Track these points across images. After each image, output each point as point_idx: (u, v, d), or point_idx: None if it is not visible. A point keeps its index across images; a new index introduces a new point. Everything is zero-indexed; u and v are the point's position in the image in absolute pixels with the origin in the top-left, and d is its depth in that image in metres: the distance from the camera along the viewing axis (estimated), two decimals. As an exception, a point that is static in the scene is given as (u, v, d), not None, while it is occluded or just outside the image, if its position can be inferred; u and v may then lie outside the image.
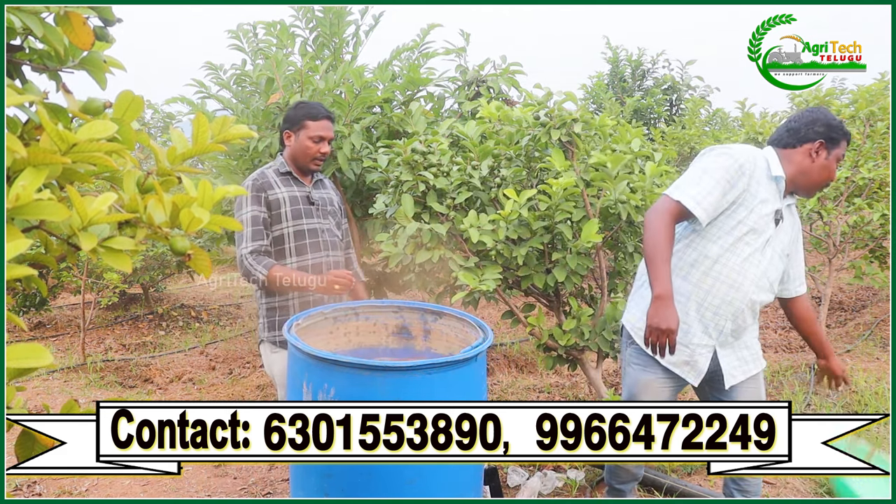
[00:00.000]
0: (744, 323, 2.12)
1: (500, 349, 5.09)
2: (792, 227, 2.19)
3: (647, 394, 2.19)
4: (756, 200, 2.05)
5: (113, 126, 0.83)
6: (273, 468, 3.15)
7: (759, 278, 2.09)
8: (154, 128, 8.29)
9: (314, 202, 2.55)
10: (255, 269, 2.35)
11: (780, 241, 2.13)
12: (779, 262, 2.14)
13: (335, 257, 2.56)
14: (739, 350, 2.18)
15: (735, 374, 2.17)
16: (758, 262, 2.08)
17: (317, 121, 2.48)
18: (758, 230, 2.06)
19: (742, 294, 2.06)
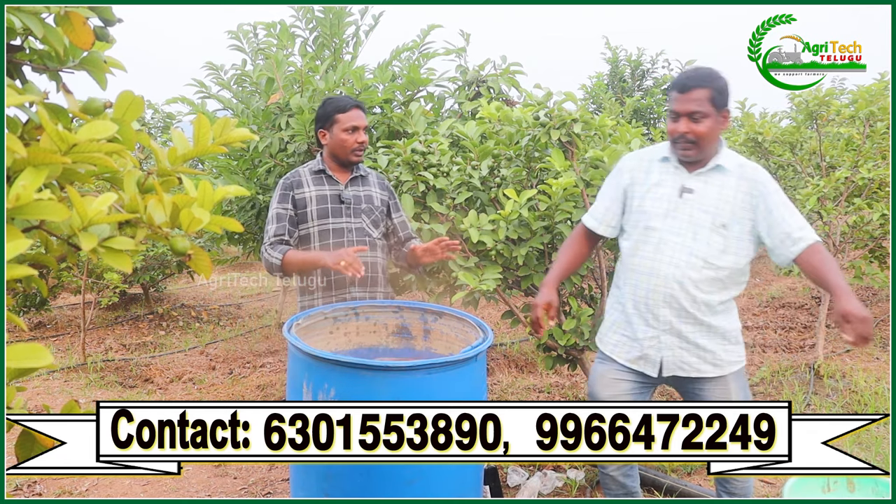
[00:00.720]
0: (682, 308, 2.04)
1: (500, 349, 5.09)
2: (719, 196, 2.03)
3: (601, 384, 2.21)
4: (645, 187, 2.13)
5: (113, 126, 0.83)
6: (273, 468, 3.15)
7: (681, 258, 2.03)
8: (154, 128, 8.29)
9: (344, 201, 2.51)
10: (272, 255, 2.37)
11: (703, 213, 2.03)
12: (709, 233, 2.01)
13: (361, 257, 2.47)
14: (687, 344, 2.08)
15: (678, 365, 2.10)
16: (673, 244, 2.05)
17: (346, 112, 2.45)
18: (660, 214, 2.08)
19: (663, 279, 2.06)
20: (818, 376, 4.19)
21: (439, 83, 4.09)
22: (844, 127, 4.10)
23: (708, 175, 2.06)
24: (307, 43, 4.32)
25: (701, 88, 1.99)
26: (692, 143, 2.02)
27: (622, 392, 2.19)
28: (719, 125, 2.03)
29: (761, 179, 2.03)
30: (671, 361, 2.11)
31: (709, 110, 1.99)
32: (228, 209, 4.14)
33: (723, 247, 2.02)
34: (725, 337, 2.11)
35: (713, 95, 1.98)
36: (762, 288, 7.30)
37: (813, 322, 5.59)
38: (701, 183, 2.06)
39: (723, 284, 2.05)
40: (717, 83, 2.01)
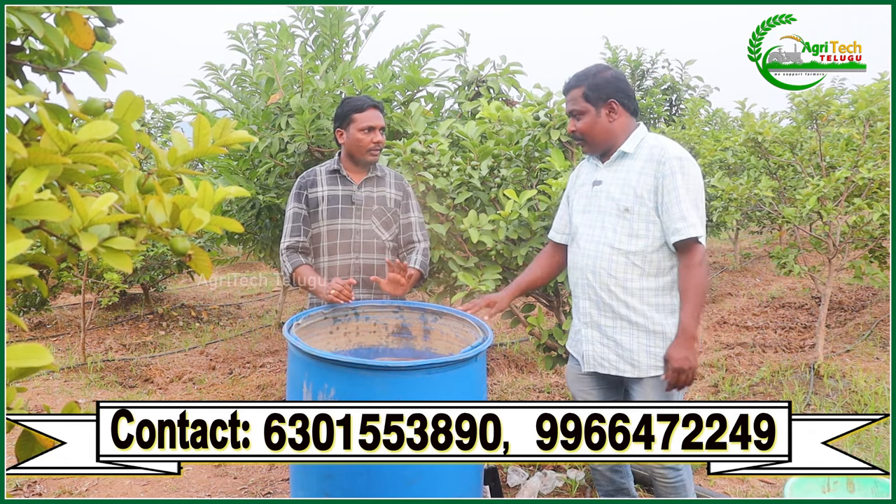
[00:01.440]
0: (600, 299, 2.06)
1: (500, 349, 5.09)
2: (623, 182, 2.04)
3: (570, 380, 2.29)
4: (574, 189, 2.26)
5: (113, 126, 0.83)
6: (273, 468, 3.15)
7: (591, 248, 2.08)
8: (154, 128, 8.29)
9: (355, 202, 2.51)
10: (286, 265, 2.45)
11: (608, 200, 2.06)
12: (615, 220, 2.04)
13: (367, 259, 2.50)
14: (606, 339, 2.08)
15: (597, 360, 2.11)
16: (587, 235, 2.12)
17: (363, 112, 2.46)
18: (579, 210, 2.18)
19: (580, 271, 2.13)
20: (818, 376, 4.19)
21: (439, 83, 4.09)
22: (844, 127, 4.09)
23: (615, 164, 2.11)
24: (307, 43, 4.32)
25: (574, 88, 2.09)
26: (581, 140, 2.13)
27: (588, 387, 2.23)
28: (605, 118, 2.06)
29: (666, 160, 1.98)
30: (591, 356, 2.14)
31: (584, 107, 2.07)
32: (228, 209, 4.14)
33: (629, 231, 2.02)
34: (653, 338, 2.03)
35: (585, 92, 2.06)
36: (762, 288, 7.30)
37: (813, 322, 5.59)
38: (610, 172, 2.11)
39: (640, 271, 2.02)
40: (590, 80, 2.06)
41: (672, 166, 1.97)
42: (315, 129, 3.52)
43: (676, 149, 2.02)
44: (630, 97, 2.09)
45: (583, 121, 2.07)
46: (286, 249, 2.48)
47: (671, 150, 2.01)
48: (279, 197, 3.84)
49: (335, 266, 2.48)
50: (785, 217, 4.20)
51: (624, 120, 2.09)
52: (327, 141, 3.61)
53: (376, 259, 2.51)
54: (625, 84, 2.08)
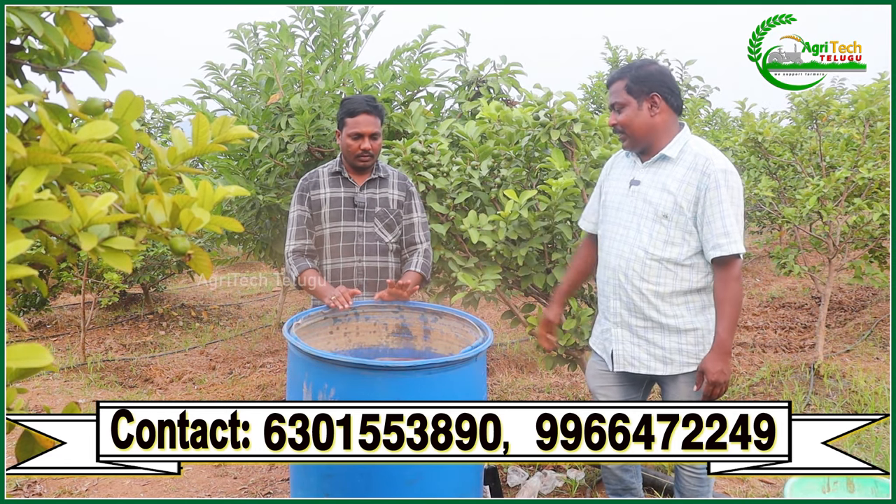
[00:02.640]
0: (630, 300, 2.05)
1: (500, 349, 5.09)
2: (663, 187, 2.01)
3: (590, 375, 2.29)
4: (609, 182, 2.22)
5: (113, 126, 0.83)
6: (273, 468, 3.15)
7: (625, 249, 2.06)
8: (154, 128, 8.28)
9: (357, 204, 2.50)
10: (292, 268, 2.44)
11: (646, 204, 2.03)
12: (652, 224, 2.01)
13: (370, 262, 2.50)
14: (637, 339, 2.08)
15: (628, 360, 2.11)
16: (620, 235, 2.09)
17: (354, 116, 2.42)
18: (613, 206, 2.15)
19: (612, 271, 2.11)
20: (818, 376, 4.19)
21: (439, 83, 4.09)
22: (844, 127, 4.09)
23: (655, 165, 2.06)
24: (307, 43, 4.32)
25: (617, 80, 2.06)
26: (622, 133, 2.08)
27: (610, 383, 2.22)
28: (646, 112, 2.02)
29: (711, 173, 1.95)
30: (621, 356, 2.13)
31: (626, 99, 2.03)
32: (228, 209, 4.14)
33: (665, 237, 2.00)
34: (684, 336, 2.04)
35: (628, 84, 2.03)
36: (762, 288, 7.30)
37: (813, 322, 5.59)
38: (649, 174, 2.07)
39: (674, 276, 2.01)
40: (633, 73, 2.03)
41: (717, 179, 1.94)
42: (315, 129, 3.52)
43: (722, 160, 1.99)
44: (674, 93, 2.04)
45: (624, 113, 2.03)
46: (292, 252, 2.47)
47: (717, 162, 1.97)
48: (279, 197, 3.83)
49: (338, 268, 2.48)
50: (785, 217, 4.20)
51: (666, 116, 2.03)
52: (327, 141, 3.60)
53: (379, 261, 2.51)
54: (669, 79, 2.04)
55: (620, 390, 2.21)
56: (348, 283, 2.47)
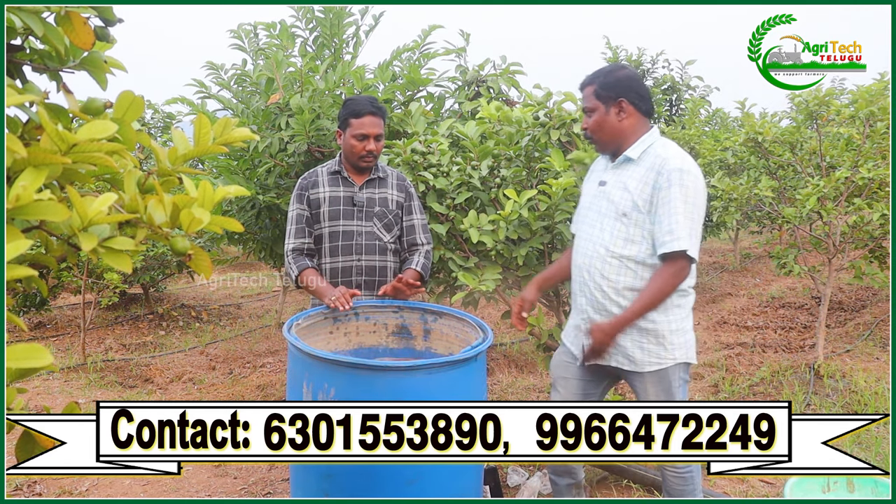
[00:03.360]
0: (594, 298, 2.09)
1: (500, 349, 5.09)
2: (624, 187, 2.05)
3: (554, 364, 2.33)
4: (586, 185, 2.29)
5: (113, 126, 0.83)
6: (273, 468, 3.15)
7: (589, 248, 2.12)
8: (154, 128, 8.28)
9: (356, 203, 2.50)
10: (292, 267, 2.45)
11: (609, 203, 2.08)
12: (613, 223, 2.06)
13: (369, 261, 2.50)
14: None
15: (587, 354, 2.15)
16: (587, 234, 2.16)
17: (359, 118, 2.42)
18: (584, 206, 2.23)
19: (578, 269, 2.18)
20: (818, 376, 4.19)
21: (439, 83, 4.09)
22: (844, 127, 4.09)
23: (619, 167, 2.13)
24: (307, 43, 4.32)
25: (587, 86, 2.11)
26: (590, 137, 2.15)
27: (571, 374, 2.26)
28: (613, 117, 2.07)
29: (665, 172, 1.98)
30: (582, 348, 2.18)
31: (595, 104, 2.08)
32: (228, 209, 4.14)
33: (625, 235, 2.05)
34: (644, 335, 2.06)
35: (597, 90, 2.08)
36: (762, 288, 7.30)
37: (813, 322, 5.59)
38: (614, 175, 2.13)
39: (634, 274, 2.04)
40: (602, 78, 2.08)
41: (671, 178, 1.96)
42: (315, 129, 3.52)
43: (679, 160, 2.00)
44: (643, 98, 2.08)
45: (592, 118, 2.10)
46: (291, 251, 2.48)
47: (672, 161, 1.99)
48: (279, 197, 3.83)
49: (337, 267, 2.48)
50: (785, 217, 4.20)
51: (634, 120, 2.07)
52: (327, 141, 3.61)
53: (378, 261, 2.51)
54: (638, 84, 2.08)
55: (580, 384, 2.24)
56: (347, 281, 2.47)
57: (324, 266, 2.50)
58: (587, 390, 2.25)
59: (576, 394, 2.25)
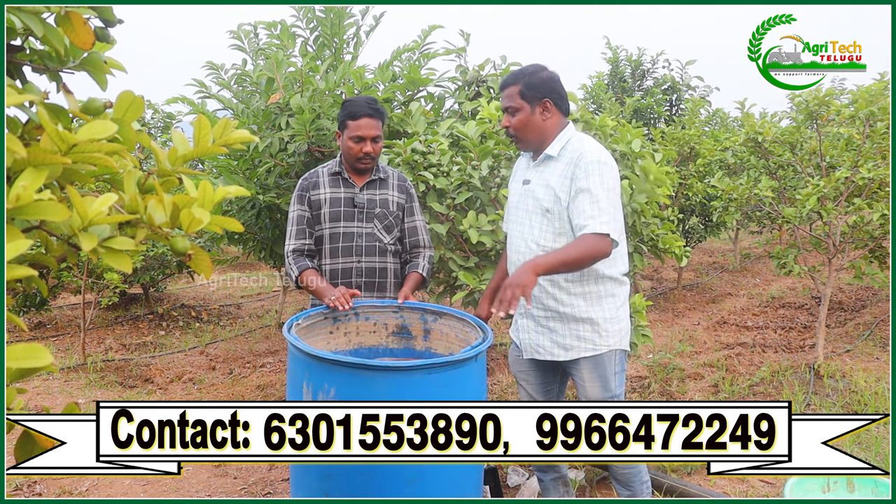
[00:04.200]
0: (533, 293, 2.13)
1: (500, 349, 5.09)
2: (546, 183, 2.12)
3: (511, 362, 2.43)
4: (511, 184, 2.34)
5: (113, 126, 0.83)
6: (273, 468, 3.15)
7: (521, 245, 2.18)
8: (154, 128, 8.29)
9: (357, 205, 2.49)
10: (292, 268, 2.46)
11: (534, 200, 2.15)
12: (540, 218, 2.13)
13: (369, 263, 2.49)
14: (540, 328, 2.21)
15: (533, 348, 2.24)
16: (517, 233, 2.21)
17: (356, 119, 2.41)
18: (511, 206, 2.28)
19: (513, 265, 2.21)
20: (818, 376, 4.19)
21: (439, 83, 4.09)
22: (844, 127, 4.09)
23: (542, 165, 2.18)
24: (308, 43, 4.32)
25: (511, 86, 2.13)
26: (513, 136, 2.18)
27: (527, 369, 2.34)
28: (538, 116, 2.12)
29: (582, 164, 2.04)
30: (527, 344, 2.26)
31: (519, 104, 2.11)
32: (228, 209, 4.14)
33: (552, 229, 2.12)
34: (580, 324, 2.14)
35: (522, 90, 2.11)
36: (762, 288, 7.30)
37: (813, 322, 5.59)
38: (537, 173, 2.19)
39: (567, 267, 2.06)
40: (527, 79, 2.12)
41: (588, 168, 2.03)
42: (315, 129, 3.52)
43: (595, 152, 2.08)
44: (563, 98, 2.17)
45: (517, 117, 2.13)
46: (292, 252, 2.48)
47: (589, 154, 2.06)
48: (279, 197, 3.83)
49: (337, 269, 2.48)
50: (785, 217, 4.20)
51: (556, 119, 2.16)
52: (327, 141, 3.61)
53: (378, 262, 2.51)
54: (559, 85, 2.16)
55: (537, 375, 2.34)
56: (347, 283, 2.47)
57: (324, 267, 2.49)
58: (545, 379, 2.35)
59: (536, 386, 2.36)
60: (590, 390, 2.17)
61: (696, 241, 7.52)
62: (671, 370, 4.48)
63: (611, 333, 2.15)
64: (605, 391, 2.16)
